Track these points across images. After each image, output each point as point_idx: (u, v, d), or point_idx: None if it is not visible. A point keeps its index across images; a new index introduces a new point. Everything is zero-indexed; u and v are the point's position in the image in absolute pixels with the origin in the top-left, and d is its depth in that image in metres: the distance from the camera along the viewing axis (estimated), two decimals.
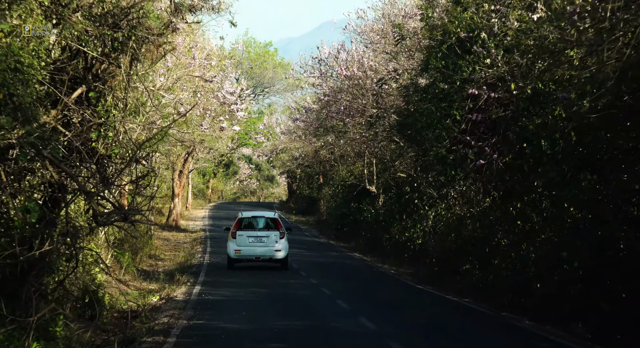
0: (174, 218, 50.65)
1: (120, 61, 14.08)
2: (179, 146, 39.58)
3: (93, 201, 13.90)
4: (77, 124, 14.31)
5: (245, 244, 29.02)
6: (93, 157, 14.54)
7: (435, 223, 34.95)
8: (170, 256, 37.54)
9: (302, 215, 65.91)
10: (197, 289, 23.76)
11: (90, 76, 14.42)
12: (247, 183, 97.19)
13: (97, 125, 14.44)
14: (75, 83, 14.53)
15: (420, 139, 24.56)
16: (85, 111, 14.29)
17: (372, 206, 45.82)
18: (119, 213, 14.24)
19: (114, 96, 14.63)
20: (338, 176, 52.69)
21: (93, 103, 14.55)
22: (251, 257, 29.05)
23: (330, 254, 38.51)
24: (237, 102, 34.27)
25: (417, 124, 24.25)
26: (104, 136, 14.57)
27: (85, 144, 14.47)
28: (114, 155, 14.61)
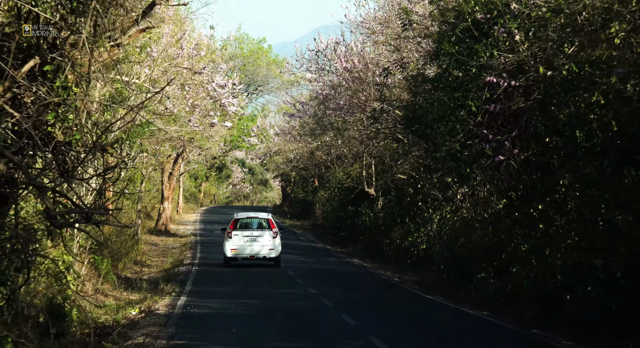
0: (164, 222, 47.85)
1: (80, 26, 11.31)
2: (167, 145, 36.80)
3: (47, 198, 11.12)
4: (29, 104, 11.52)
5: (241, 243, 30.14)
6: (49, 144, 11.70)
7: (440, 227, 32.32)
8: (157, 262, 34.79)
9: (297, 219, 63.17)
10: (183, 300, 20.99)
11: (45, 45, 11.64)
12: (241, 187, 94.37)
13: (54, 105, 11.65)
14: (28, 55, 11.74)
15: (431, 133, 21.82)
16: (40, 88, 11.49)
17: (371, 210, 43.14)
18: (80, 212, 11.44)
19: (75, 71, 11.83)
20: (334, 178, 49.97)
21: (49, 78, 11.73)
22: (246, 256, 30.21)
23: (328, 260, 35.77)
24: (228, 97, 31.46)
25: (428, 116, 21.52)
26: (62, 119, 11.76)
27: (39, 128, 11.67)
28: (74, 142, 11.78)
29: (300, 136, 51.98)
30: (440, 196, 32.62)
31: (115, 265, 26.65)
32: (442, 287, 25.50)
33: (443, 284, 25.76)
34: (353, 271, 30.95)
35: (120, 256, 31.21)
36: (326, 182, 54.81)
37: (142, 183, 39.63)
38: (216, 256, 35.43)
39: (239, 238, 30.21)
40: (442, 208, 32.71)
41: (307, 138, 51.75)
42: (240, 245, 30.20)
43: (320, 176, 57.59)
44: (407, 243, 33.42)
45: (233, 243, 30.23)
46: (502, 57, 19.88)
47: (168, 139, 33.66)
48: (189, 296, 21.82)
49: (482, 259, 24.31)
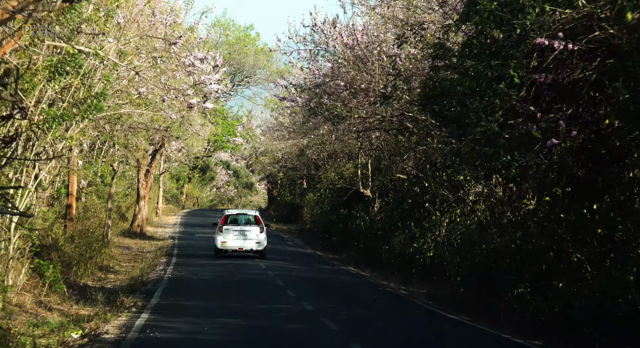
0: (139, 224, 42.79)
1: None
2: (140, 137, 31.77)
3: None
4: None
5: (231, 237, 31.97)
6: None
7: (449, 231, 27.54)
8: (126, 268, 29.83)
9: (284, 223, 58.22)
10: (144, 319, 16.03)
11: None
12: (225, 190, 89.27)
13: None
14: None
15: (461, 111, 16.93)
16: None
17: (366, 213, 38.32)
18: None
19: None
20: (326, 178, 45.07)
21: None
22: (235, 248, 32.06)
23: (321, 268, 30.86)
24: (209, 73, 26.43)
25: (458, 90, 16.64)
26: None
27: None
28: None
29: (289, 134, 47.08)
30: (450, 196, 27.82)
31: (67, 272, 21.65)
32: (461, 303, 20.68)
33: (461, 299, 20.93)
34: (351, 282, 26.08)
35: (81, 261, 26.26)
36: (316, 183, 49.90)
37: (113, 179, 34.59)
38: (194, 262, 30.50)
39: (229, 232, 31.94)
40: (452, 211, 27.95)
41: (296, 136, 46.88)
42: (230, 238, 31.94)
43: (309, 177, 52.69)
44: (412, 250, 28.56)
45: (224, 237, 31.99)
46: (558, 13, 15.13)
47: (140, 128, 28.67)
48: (152, 313, 16.87)
49: (512, 270, 19.50)
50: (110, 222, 34.43)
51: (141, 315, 16.55)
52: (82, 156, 34.28)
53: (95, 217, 35.73)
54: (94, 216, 36.20)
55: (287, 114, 46.27)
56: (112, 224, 40.29)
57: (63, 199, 31.32)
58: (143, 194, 42.80)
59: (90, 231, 32.42)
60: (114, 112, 24.00)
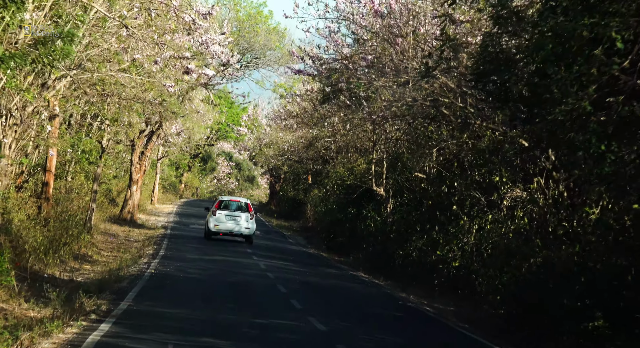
0: (129, 210, 38.44)
1: None
2: (133, 113, 27.42)
3: None
4: None
5: (223, 221, 32.83)
6: None
7: (479, 239, 23.28)
8: (107, 258, 25.56)
9: (285, 220, 53.87)
10: (100, 333, 11.69)
11: None
12: (226, 181, 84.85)
13: None
14: None
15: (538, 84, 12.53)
16: None
17: (378, 213, 33.95)
18: None
19: None
20: (334, 174, 40.67)
21: None
22: (226, 231, 32.91)
23: (327, 272, 26.53)
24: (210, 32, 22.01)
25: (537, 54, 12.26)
26: None
27: None
28: None
29: (298, 124, 42.70)
30: (482, 199, 23.51)
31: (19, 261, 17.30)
32: (503, 328, 16.36)
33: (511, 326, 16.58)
34: (365, 292, 21.73)
35: (52, 248, 21.98)
36: (323, 178, 45.50)
37: (101, 157, 30.21)
38: (184, 256, 26.20)
39: (222, 216, 32.76)
40: (483, 216, 23.65)
41: (305, 126, 42.52)
42: (222, 221, 32.75)
43: (315, 172, 48.29)
44: (434, 258, 24.21)
45: (216, 220, 32.81)
46: None
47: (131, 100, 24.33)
48: (115, 324, 12.51)
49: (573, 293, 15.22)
50: (94, 206, 30.11)
51: (99, 326, 12.20)
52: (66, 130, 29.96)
53: (80, 199, 31.44)
54: (78, 198, 31.90)
55: (297, 102, 41.90)
56: (98, 208, 35.96)
57: (40, 176, 27.08)
58: (136, 179, 38.44)
59: (70, 214, 28.17)
60: (96, 74, 19.64)
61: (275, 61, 37.53)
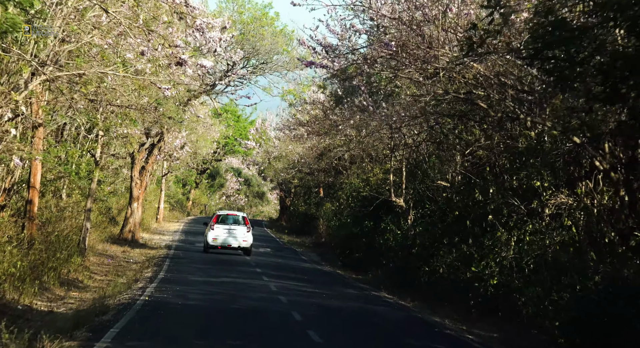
0: (131, 229, 35.28)
1: None
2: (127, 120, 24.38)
3: None
4: None
5: (220, 234, 33.02)
6: None
7: (519, 253, 20.15)
8: (100, 282, 22.48)
9: (296, 235, 50.67)
10: None
11: None
12: (235, 198, 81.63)
13: None
14: None
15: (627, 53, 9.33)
16: None
17: (398, 226, 30.75)
18: None
19: None
20: (349, 185, 37.47)
21: None
22: (224, 244, 33.00)
23: (346, 293, 23.29)
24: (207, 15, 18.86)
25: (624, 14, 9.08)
26: None
27: None
28: None
29: (308, 133, 39.54)
30: (522, 208, 20.34)
31: None
32: None
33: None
34: (393, 317, 18.47)
35: (33, 273, 18.90)
36: (336, 191, 42.29)
37: (96, 172, 27.04)
38: (185, 278, 23.05)
39: (220, 230, 33.03)
40: (523, 227, 20.48)
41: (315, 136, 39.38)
42: (219, 235, 32.98)
43: (327, 185, 45.08)
44: (469, 275, 20.96)
45: (214, 233, 33.05)
46: None
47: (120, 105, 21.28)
48: None
49: None
50: (89, 225, 26.95)
51: None
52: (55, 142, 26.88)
53: (73, 219, 28.34)
54: (71, 217, 28.79)
55: (307, 110, 38.77)
56: (96, 228, 32.85)
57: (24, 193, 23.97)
58: (137, 195, 35.29)
59: (62, 235, 25.09)
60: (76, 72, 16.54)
61: (283, 66, 34.40)
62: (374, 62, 17.05)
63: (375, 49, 16.95)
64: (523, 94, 16.71)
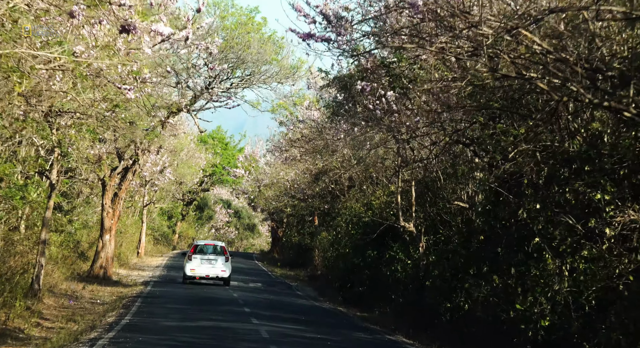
0: (102, 264, 30.20)
1: None
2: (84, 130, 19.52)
3: None
4: None
5: (198, 265, 31.30)
6: None
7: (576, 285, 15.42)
8: (47, 332, 17.50)
9: (290, 268, 45.64)
10: None
11: None
12: (225, 231, 76.45)
13: None
14: None
15: None
16: None
17: (407, 255, 25.94)
18: None
19: None
20: (348, 211, 32.57)
21: None
22: (202, 275, 31.26)
23: (355, 338, 18.31)
24: None
25: None
26: None
27: None
28: None
29: (301, 155, 34.73)
30: (579, 227, 15.50)
31: None
32: None
33: None
34: None
35: None
36: (333, 218, 37.37)
37: (50, 197, 22.01)
38: (156, 324, 18.09)
39: (198, 261, 31.27)
40: (577, 251, 15.71)
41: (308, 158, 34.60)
42: (198, 265, 31.20)
43: (323, 212, 40.14)
44: (512, 313, 16.04)
45: (192, 264, 31.24)
46: None
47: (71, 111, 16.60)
48: None
49: None
50: (43, 261, 21.89)
51: None
52: None
53: (29, 254, 23.40)
54: (26, 252, 23.83)
55: (299, 130, 33.98)
56: (63, 263, 27.83)
57: None
58: (108, 226, 30.25)
59: (7, 273, 20.20)
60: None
61: (272, 77, 29.63)
62: (394, 35, 12.28)
63: (394, 16, 12.20)
64: (597, 72, 11.95)
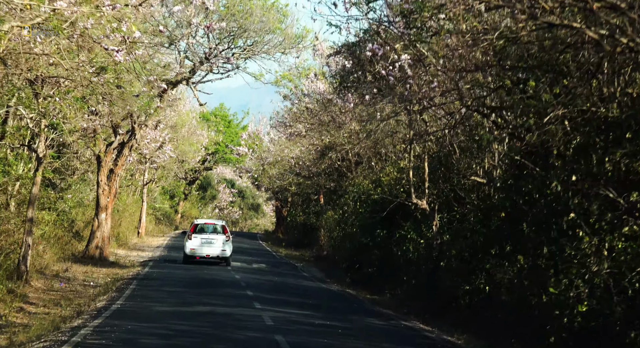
0: (98, 244, 28.42)
1: None
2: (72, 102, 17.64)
3: None
4: None
5: (199, 244, 30.28)
6: None
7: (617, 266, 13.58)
8: (30, 318, 15.72)
9: (295, 248, 43.85)
10: None
11: None
12: (229, 211, 74.63)
13: None
14: None
15: None
16: None
17: (419, 234, 24.14)
18: None
19: None
20: (356, 188, 30.71)
21: None
22: (202, 254, 30.23)
23: (368, 324, 16.50)
24: None
25: None
26: None
27: None
28: None
29: (306, 130, 32.84)
30: (621, 201, 13.63)
31: None
32: None
33: None
34: None
35: None
36: (339, 197, 35.53)
37: (37, 171, 20.17)
38: (149, 309, 16.30)
39: (198, 240, 30.31)
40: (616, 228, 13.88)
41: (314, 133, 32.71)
42: (198, 245, 30.27)
43: (329, 190, 38.29)
44: (545, 298, 14.20)
45: (192, 244, 30.28)
46: None
47: None
48: None
49: None
50: (30, 240, 20.07)
51: None
52: None
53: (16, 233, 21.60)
54: (16, 231, 22.04)
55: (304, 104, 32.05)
56: (56, 243, 26.03)
57: None
58: (104, 204, 28.44)
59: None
60: None
61: (276, 47, 27.68)
62: None
63: None
64: None
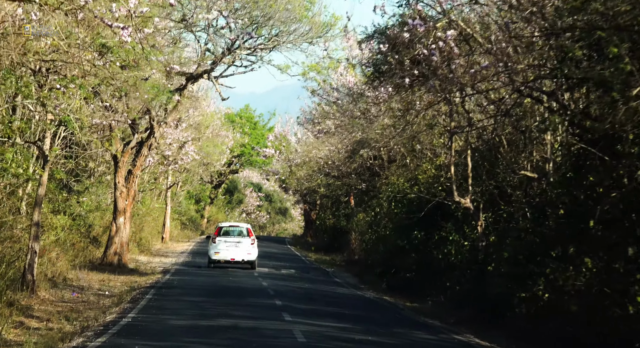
0: (116, 250, 26.28)
1: None
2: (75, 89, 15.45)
3: None
4: None
5: (223, 248, 29.61)
6: None
7: None
8: (27, 335, 13.45)
9: (325, 253, 41.55)
10: None
11: None
12: (256, 215, 72.47)
13: None
14: None
15: None
16: None
17: (461, 235, 21.79)
18: None
19: None
20: (390, 187, 28.33)
21: None
22: (227, 258, 29.50)
23: (417, 340, 14.14)
24: None
25: None
26: None
27: None
28: None
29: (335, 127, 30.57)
30: None
31: None
32: None
33: None
34: None
35: None
36: (371, 198, 33.19)
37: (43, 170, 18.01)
38: (163, 324, 14.06)
39: (222, 243, 29.58)
40: None
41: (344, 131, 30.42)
42: (222, 249, 29.52)
43: (360, 191, 35.95)
44: (631, 308, 11.74)
45: (217, 247, 29.55)
46: None
47: None
48: None
49: None
50: (37, 247, 17.89)
51: None
52: None
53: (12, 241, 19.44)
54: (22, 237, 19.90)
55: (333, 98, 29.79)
56: (70, 250, 23.90)
57: None
58: (122, 208, 26.30)
59: None
60: None
61: (302, 36, 25.41)
62: None
63: None
64: None
